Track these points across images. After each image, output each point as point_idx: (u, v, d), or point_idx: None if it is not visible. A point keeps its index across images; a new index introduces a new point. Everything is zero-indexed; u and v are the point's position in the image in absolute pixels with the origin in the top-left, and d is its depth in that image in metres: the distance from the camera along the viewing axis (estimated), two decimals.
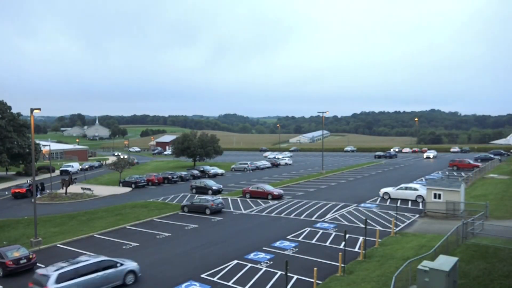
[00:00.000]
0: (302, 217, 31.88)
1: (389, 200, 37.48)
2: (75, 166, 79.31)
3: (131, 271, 19.41)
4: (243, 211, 35.44)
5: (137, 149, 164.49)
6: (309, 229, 27.81)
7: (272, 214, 33.52)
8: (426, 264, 14.54)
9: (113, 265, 18.96)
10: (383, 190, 39.57)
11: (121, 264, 19.26)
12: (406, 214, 31.72)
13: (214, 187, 46.61)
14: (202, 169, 66.13)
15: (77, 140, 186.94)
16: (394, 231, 25.77)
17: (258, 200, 40.29)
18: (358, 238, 24.35)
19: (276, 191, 41.62)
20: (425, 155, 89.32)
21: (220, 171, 66.83)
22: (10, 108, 69.04)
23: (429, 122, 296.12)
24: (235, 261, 21.67)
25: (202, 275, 19.76)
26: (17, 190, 50.32)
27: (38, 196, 49.29)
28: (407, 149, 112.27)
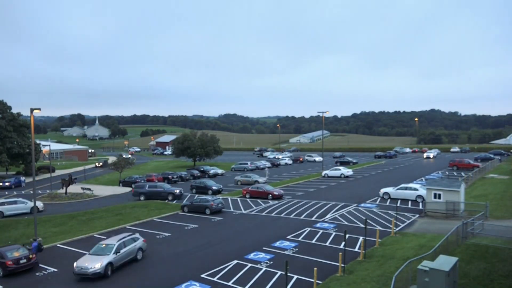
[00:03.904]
0: (302, 217, 31.88)
1: (389, 200, 37.48)
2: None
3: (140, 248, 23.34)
4: (243, 211, 35.44)
5: (137, 149, 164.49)
6: (309, 229, 27.81)
7: (272, 214, 33.53)
8: (426, 264, 14.54)
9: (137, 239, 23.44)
10: (383, 190, 39.57)
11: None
12: (406, 214, 31.72)
13: (214, 187, 46.62)
14: (202, 169, 66.13)
15: (77, 140, 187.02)
16: (394, 231, 25.78)
17: (258, 200, 40.29)
18: (358, 238, 24.35)
19: (276, 191, 41.63)
20: (425, 155, 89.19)
21: (220, 171, 66.84)
22: (10, 108, 69.06)
23: (429, 122, 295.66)
24: (235, 261, 21.67)
25: (202, 275, 19.76)
26: None
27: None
28: (407, 149, 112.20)
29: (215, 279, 19.27)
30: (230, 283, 18.62)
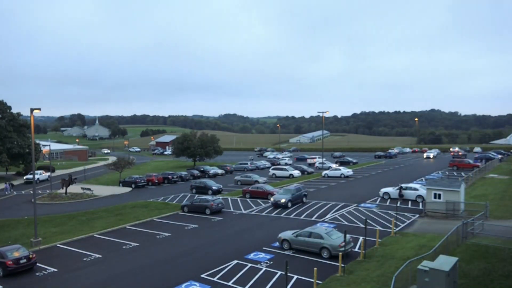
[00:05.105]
0: (302, 217, 31.88)
1: (389, 200, 37.47)
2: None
3: None
4: (243, 211, 35.43)
5: (137, 149, 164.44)
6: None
7: (272, 214, 33.52)
8: (426, 264, 14.54)
9: None
10: (383, 190, 39.57)
11: None
12: (406, 214, 31.72)
13: (214, 187, 46.61)
14: (202, 169, 66.13)
15: (77, 140, 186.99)
16: (394, 231, 25.78)
17: (258, 200, 40.28)
18: (358, 238, 24.34)
19: (276, 191, 41.58)
20: (425, 155, 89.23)
21: (220, 171, 66.82)
22: (10, 108, 69.04)
23: (429, 122, 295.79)
24: (235, 261, 21.67)
25: (202, 275, 19.76)
26: None
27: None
28: (407, 149, 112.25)
29: (215, 279, 19.26)
30: (230, 283, 18.61)
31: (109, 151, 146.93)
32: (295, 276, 18.79)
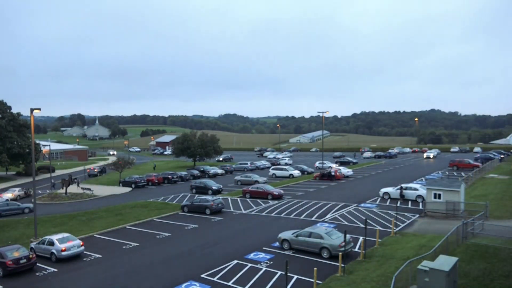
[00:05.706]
0: (302, 217, 31.88)
1: (389, 200, 37.47)
2: None
3: None
4: (243, 211, 35.43)
5: (137, 149, 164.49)
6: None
7: (272, 214, 33.52)
8: (426, 264, 14.54)
9: None
10: (383, 190, 39.57)
11: None
12: (406, 214, 31.71)
13: (214, 187, 46.62)
14: (202, 169, 66.14)
15: (77, 140, 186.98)
16: (394, 231, 25.78)
17: (258, 200, 40.28)
18: (358, 238, 24.33)
19: (276, 191, 41.61)
20: (425, 155, 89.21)
21: (220, 171, 66.84)
22: (10, 108, 69.11)
23: (429, 122, 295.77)
24: (235, 261, 21.67)
25: (202, 275, 19.76)
26: None
27: None
28: (407, 149, 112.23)
29: (215, 279, 19.26)
30: (230, 283, 18.61)
31: (115, 152, 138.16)
32: (295, 276, 18.79)
